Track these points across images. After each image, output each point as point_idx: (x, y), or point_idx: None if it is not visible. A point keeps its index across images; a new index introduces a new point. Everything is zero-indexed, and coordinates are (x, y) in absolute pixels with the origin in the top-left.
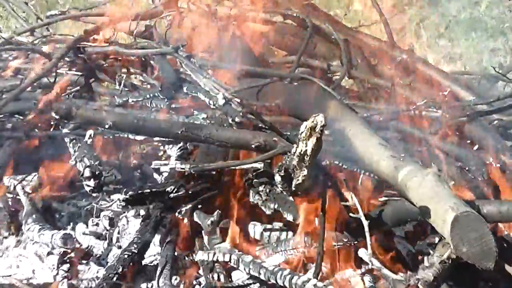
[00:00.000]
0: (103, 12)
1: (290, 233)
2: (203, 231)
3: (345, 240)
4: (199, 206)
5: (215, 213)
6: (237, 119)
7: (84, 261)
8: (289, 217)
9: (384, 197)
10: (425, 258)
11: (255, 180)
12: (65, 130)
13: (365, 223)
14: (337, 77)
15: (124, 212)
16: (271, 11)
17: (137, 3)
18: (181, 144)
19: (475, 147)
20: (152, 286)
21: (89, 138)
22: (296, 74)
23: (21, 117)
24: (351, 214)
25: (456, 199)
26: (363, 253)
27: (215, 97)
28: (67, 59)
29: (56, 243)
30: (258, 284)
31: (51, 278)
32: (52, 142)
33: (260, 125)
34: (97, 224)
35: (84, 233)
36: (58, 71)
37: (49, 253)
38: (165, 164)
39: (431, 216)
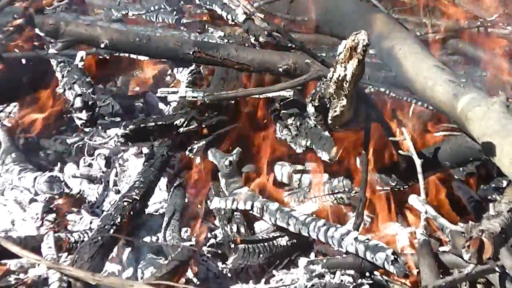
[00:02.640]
0: None
1: (326, 176)
2: (219, 173)
3: (393, 184)
4: (215, 143)
5: (235, 151)
6: (261, 38)
7: (74, 210)
8: (325, 156)
9: (441, 132)
10: (491, 205)
11: (283, 111)
12: (51, 51)
13: (418, 162)
14: None
15: (123, 150)
16: None
17: None
18: (193, 67)
19: None
20: (157, 240)
21: (80, 61)
22: None
23: None
24: (400, 152)
25: None
26: (415, 199)
27: (234, 11)
28: None
29: (40, 187)
30: (286, 237)
31: (34, 230)
32: (36, 65)
33: (289, 45)
34: (90, 165)
35: (74, 176)
36: None
37: (31, 200)
38: (174, 92)
39: (496, 154)
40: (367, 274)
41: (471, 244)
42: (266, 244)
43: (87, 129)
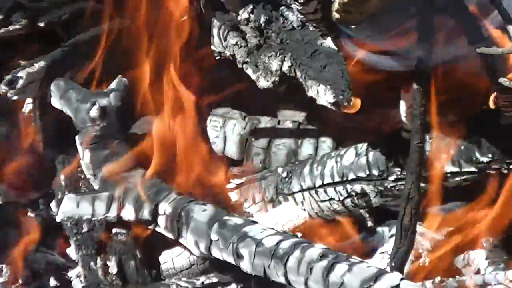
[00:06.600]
0: None
1: (327, 142)
2: (76, 138)
3: (484, 160)
4: (67, 66)
5: (113, 82)
6: None
7: None
8: (325, 98)
9: None
10: None
11: None
12: None
13: None
14: None
15: None
16: None
17: None
18: None
19: None
20: None
21: None
22: None
23: None
24: (502, 81)
25: None
26: None
27: None
28: None
29: None
30: (233, 286)
31: None
32: None
33: None
34: None
35: None
36: None
37: None
38: None
39: None
40: None
41: None
42: None
43: None
